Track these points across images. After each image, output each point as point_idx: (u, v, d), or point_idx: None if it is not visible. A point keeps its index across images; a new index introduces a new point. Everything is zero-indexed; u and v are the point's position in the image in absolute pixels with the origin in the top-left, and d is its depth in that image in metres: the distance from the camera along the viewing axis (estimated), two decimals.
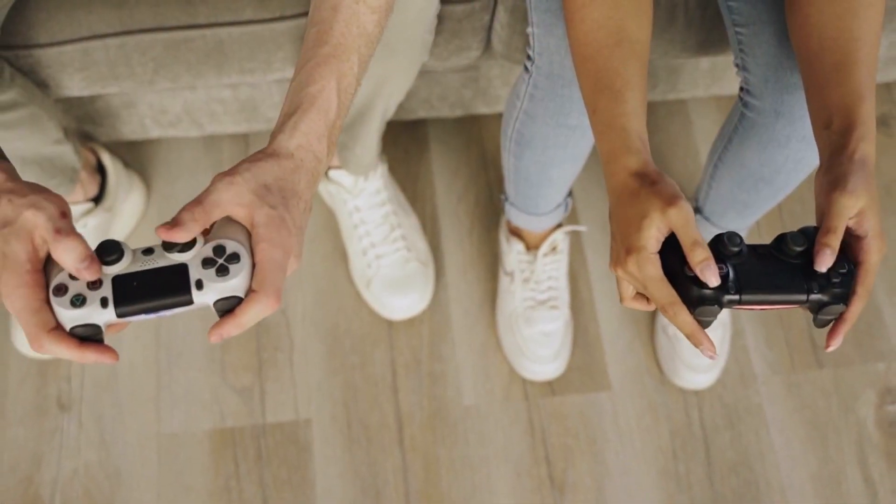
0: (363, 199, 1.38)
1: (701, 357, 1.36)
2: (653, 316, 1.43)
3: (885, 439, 1.36)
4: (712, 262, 0.71)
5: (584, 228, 1.44)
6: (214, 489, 1.30)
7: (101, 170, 1.40)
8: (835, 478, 1.34)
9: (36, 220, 0.62)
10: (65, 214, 0.63)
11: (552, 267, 1.38)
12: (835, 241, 0.73)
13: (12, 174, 0.66)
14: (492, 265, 1.46)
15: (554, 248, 1.38)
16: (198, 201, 0.64)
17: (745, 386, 1.39)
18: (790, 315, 1.44)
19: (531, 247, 1.38)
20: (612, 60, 0.84)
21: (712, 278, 0.71)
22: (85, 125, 1.41)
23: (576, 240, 1.47)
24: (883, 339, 1.43)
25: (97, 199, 1.38)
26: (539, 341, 1.36)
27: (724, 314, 1.39)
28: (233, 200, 0.64)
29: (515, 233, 1.39)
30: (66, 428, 1.34)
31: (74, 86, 1.19)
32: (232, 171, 0.66)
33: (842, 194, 0.73)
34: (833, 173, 0.75)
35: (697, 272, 0.71)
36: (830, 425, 1.37)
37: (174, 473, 1.31)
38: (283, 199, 0.66)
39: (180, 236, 0.63)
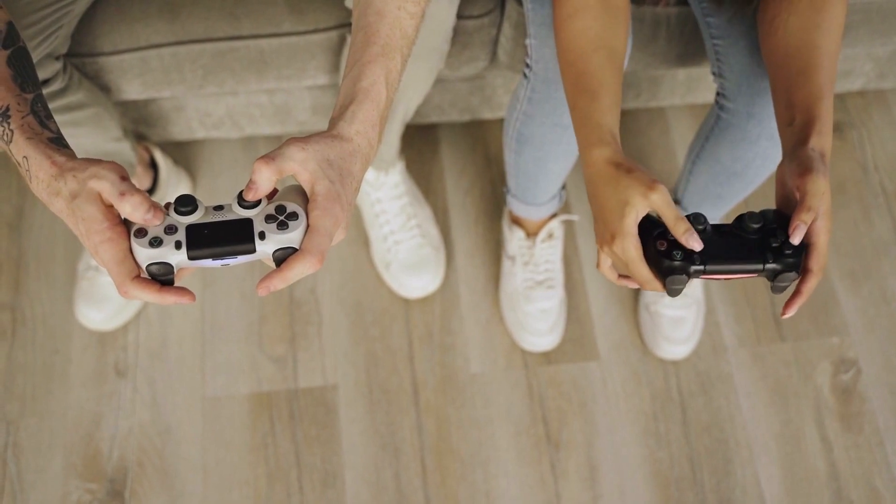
0: (384, 192, 1.38)
1: (678, 331, 1.36)
2: (636, 295, 1.42)
3: (839, 404, 1.36)
4: (693, 231, 0.72)
5: (577, 218, 1.43)
6: (253, 445, 1.30)
7: (153, 166, 1.40)
8: (795, 437, 1.34)
9: (100, 187, 0.62)
10: (124, 177, 0.63)
11: (549, 252, 1.37)
12: (810, 218, 0.72)
13: (73, 156, 0.66)
14: (495, 250, 1.46)
15: (550, 235, 1.37)
16: (269, 157, 0.63)
17: (716, 357, 1.39)
18: (756, 294, 1.43)
19: (530, 234, 1.38)
20: (590, 65, 0.83)
21: (696, 244, 0.71)
22: (140, 127, 1.41)
23: (569, 228, 1.47)
24: (837, 317, 1.42)
25: (150, 191, 1.38)
26: (537, 317, 1.36)
27: (698, 292, 1.39)
28: (301, 164, 0.63)
29: (516, 221, 1.39)
30: (122, 391, 1.33)
31: (133, 90, 1.19)
32: (304, 140, 0.65)
33: (816, 177, 0.73)
34: (797, 161, 0.75)
35: (683, 241, 0.71)
36: (791, 391, 1.37)
37: (217, 431, 1.31)
38: (340, 176, 0.65)
39: (255, 195, 0.63)
